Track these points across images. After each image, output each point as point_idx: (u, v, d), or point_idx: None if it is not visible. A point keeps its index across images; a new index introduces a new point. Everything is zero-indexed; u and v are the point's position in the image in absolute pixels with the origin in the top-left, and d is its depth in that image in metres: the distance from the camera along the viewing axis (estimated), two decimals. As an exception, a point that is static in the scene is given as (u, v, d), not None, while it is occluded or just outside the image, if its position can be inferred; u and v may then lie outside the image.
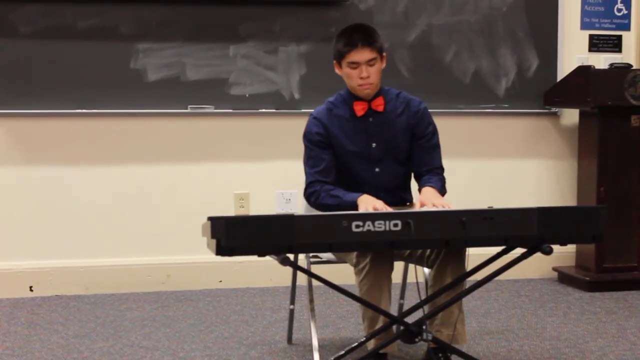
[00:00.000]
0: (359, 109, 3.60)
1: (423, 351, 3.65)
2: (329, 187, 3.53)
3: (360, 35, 3.51)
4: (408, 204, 3.69)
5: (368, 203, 3.35)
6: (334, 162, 3.59)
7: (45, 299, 4.94)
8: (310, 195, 3.58)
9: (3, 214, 5.01)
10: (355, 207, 3.38)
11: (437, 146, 3.67)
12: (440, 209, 3.26)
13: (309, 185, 3.59)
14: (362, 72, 3.49)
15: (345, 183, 3.57)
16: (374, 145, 3.61)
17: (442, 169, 3.67)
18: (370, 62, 3.50)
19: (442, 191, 3.57)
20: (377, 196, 3.46)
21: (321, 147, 3.59)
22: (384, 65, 3.59)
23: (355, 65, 3.50)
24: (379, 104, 3.60)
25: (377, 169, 3.61)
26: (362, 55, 3.48)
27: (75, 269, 5.04)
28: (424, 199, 3.40)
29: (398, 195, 3.62)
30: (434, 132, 3.67)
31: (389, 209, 3.30)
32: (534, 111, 5.42)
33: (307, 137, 3.64)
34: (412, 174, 3.71)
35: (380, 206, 3.30)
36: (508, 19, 5.33)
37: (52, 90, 4.91)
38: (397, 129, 3.62)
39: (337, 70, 3.62)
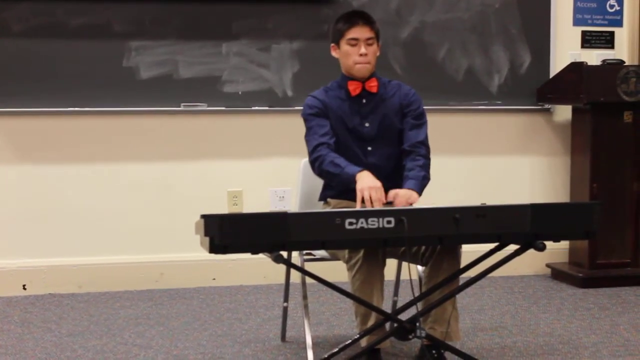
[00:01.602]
0: (353, 88, 3.66)
1: (417, 348, 3.65)
2: (334, 155, 3.56)
3: (360, 15, 3.65)
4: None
5: (366, 183, 3.36)
6: (331, 130, 3.65)
7: (38, 297, 4.93)
8: (315, 160, 3.59)
9: (-4, 213, 5.01)
10: (354, 181, 3.40)
11: (423, 124, 3.71)
12: (432, 206, 3.26)
13: (313, 149, 3.61)
14: (360, 48, 3.59)
15: None
16: (366, 124, 3.67)
17: (426, 147, 3.68)
18: (368, 41, 3.61)
19: (424, 182, 3.57)
20: None
21: (321, 116, 3.66)
22: (379, 52, 3.68)
23: (354, 41, 3.60)
24: (372, 85, 3.68)
25: (369, 148, 3.65)
26: (362, 32, 3.60)
27: (69, 267, 5.04)
28: (397, 203, 3.41)
29: (391, 181, 3.61)
30: (423, 113, 3.73)
31: (381, 201, 3.31)
32: (527, 108, 5.42)
33: (306, 112, 3.69)
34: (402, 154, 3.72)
35: (374, 195, 3.31)
36: (500, 16, 5.33)
37: (44, 89, 4.90)
38: (388, 109, 3.68)
39: (333, 53, 3.70)
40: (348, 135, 3.65)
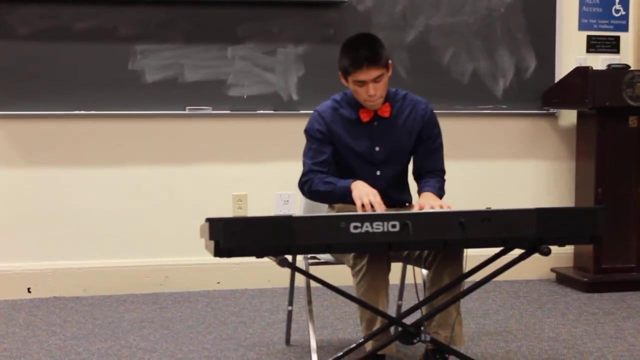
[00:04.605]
0: (365, 115, 3.57)
1: (421, 352, 3.64)
2: (323, 175, 3.52)
3: (365, 53, 3.41)
4: (407, 204, 3.69)
5: (362, 190, 3.34)
6: (333, 158, 3.59)
7: (43, 300, 4.94)
8: (304, 183, 3.56)
9: (1, 215, 5.00)
10: (349, 193, 3.38)
11: (440, 147, 3.66)
12: (438, 209, 3.26)
13: (304, 174, 3.57)
14: (369, 90, 3.44)
15: None
16: (377, 149, 3.60)
17: (443, 172, 3.67)
18: (377, 79, 3.44)
19: (440, 193, 3.57)
20: None
21: (322, 142, 3.58)
22: (390, 73, 3.52)
23: (361, 83, 3.45)
24: (385, 110, 3.57)
25: (378, 172, 3.60)
26: (368, 74, 3.42)
27: (73, 270, 5.04)
28: (423, 203, 3.40)
29: (395, 198, 3.61)
30: (439, 133, 3.66)
31: (381, 204, 3.31)
32: (532, 112, 5.42)
33: (309, 133, 3.61)
34: (413, 175, 3.71)
35: (373, 198, 3.30)
36: (506, 20, 5.33)
37: (50, 92, 4.91)
38: (402, 133, 3.60)
39: (342, 81, 3.55)
40: (356, 160, 3.59)
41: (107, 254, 5.08)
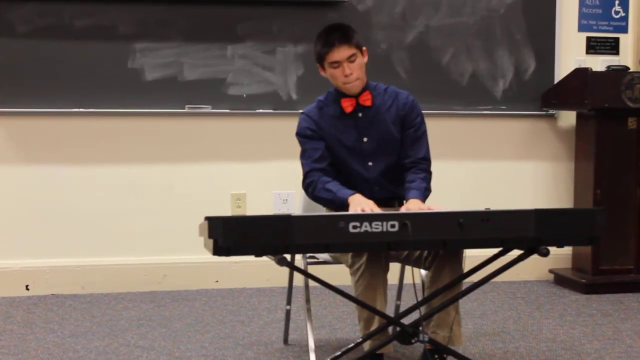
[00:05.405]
0: (347, 105, 3.63)
1: (419, 352, 3.65)
2: (326, 179, 3.55)
3: (337, 34, 3.55)
4: (405, 201, 3.69)
5: (358, 205, 3.36)
6: (327, 151, 3.63)
7: (41, 297, 4.94)
8: (308, 185, 3.61)
9: (-1, 213, 5.02)
10: (347, 206, 3.41)
11: (423, 136, 3.68)
12: (435, 210, 3.26)
13: (306, 175, 3.62)
14: (344, 70, 3.53)
15: (339, 178, 3.60)
16: (365, 140, 3.63)
17: (427, 161, 3.67)
18: (350, 59, 3.53)
19: (426, 194, 3.57)
20: (370, 190, 3.54)
21: (314, 139, 3.63)
22: (365, 59, 3.61)
23: (336, 64, 3.54)
24: (366, 99, 3.63)
25: (369, 163, 3.63)
26: (341, 53, 3.52)
27: (72, 268, 5.04)
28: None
29: (391, 190, 3.63)
30: (422, 122, 3.69)
31: (379, 210, 3.31)
32: (531, 113, 5.42)
33: (300, 134, 3.68)
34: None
35: (368, 209, 3.31)
36: (505, 21, 5.33)
37: (49, 90, 4.91)
38: (387, 122, 3.64)
39: (322, 73, 3.65)
40: (347, 154, 3.62)
41: (106, 251, 5.08)
